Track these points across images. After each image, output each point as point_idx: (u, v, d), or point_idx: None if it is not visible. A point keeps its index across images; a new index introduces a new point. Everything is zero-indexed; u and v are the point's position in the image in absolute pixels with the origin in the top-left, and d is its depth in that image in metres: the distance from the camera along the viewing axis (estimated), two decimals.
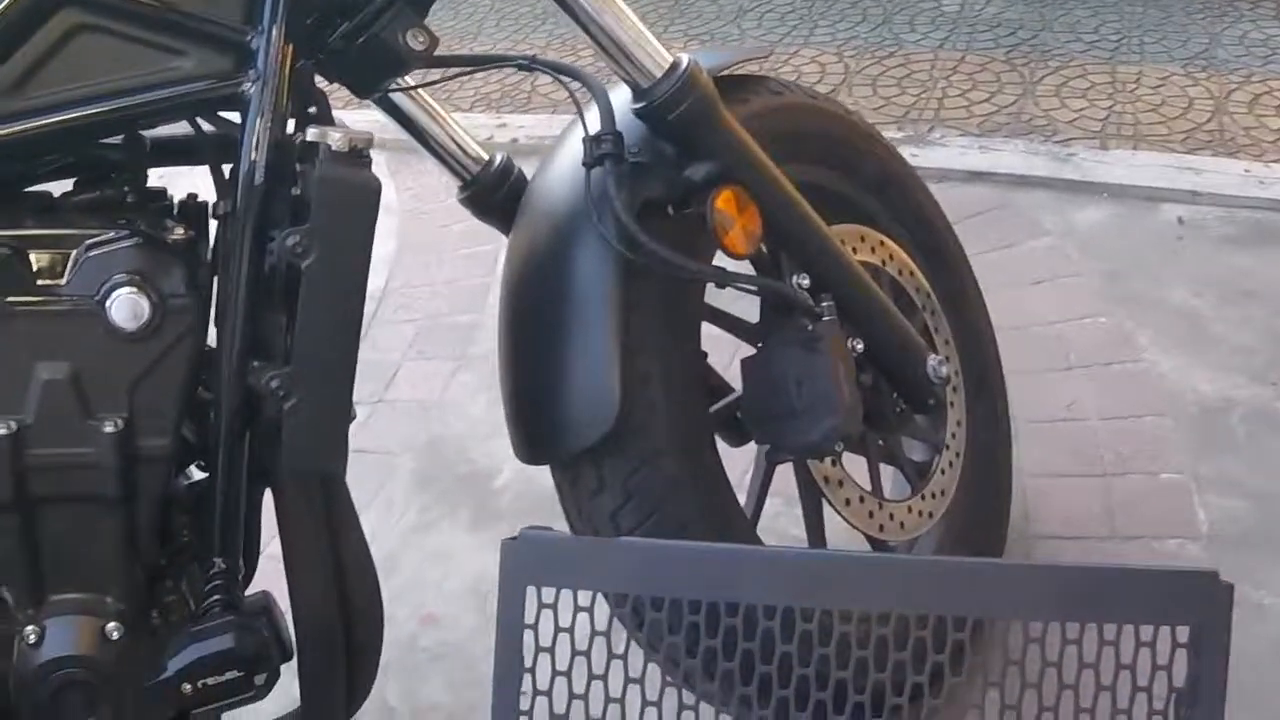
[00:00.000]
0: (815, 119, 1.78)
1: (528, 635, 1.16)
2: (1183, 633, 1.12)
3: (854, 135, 1.85)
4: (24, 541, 1.24)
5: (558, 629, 1.14)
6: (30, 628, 1.25)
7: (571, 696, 1.13)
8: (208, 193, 1.34)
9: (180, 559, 1.35)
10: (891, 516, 1.71)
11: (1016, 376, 2.12)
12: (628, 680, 1.13)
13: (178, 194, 1.35)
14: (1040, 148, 3.17)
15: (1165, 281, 2.67)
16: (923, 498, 1.78)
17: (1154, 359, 2.47)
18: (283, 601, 1.39)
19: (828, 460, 1.62)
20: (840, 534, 1.80)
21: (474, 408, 2.56)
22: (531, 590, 1.16)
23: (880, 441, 1.76)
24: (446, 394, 2.62)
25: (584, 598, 1.15)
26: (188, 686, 1.28)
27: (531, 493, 2.30)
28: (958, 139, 3.25)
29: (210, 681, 1.29)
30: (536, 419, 1.48)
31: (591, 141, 1.42)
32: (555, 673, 1.14)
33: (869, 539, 1.81)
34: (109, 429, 1.22)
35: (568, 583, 1.17)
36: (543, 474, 2.23)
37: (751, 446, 1.73)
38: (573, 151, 1.50)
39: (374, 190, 1.27)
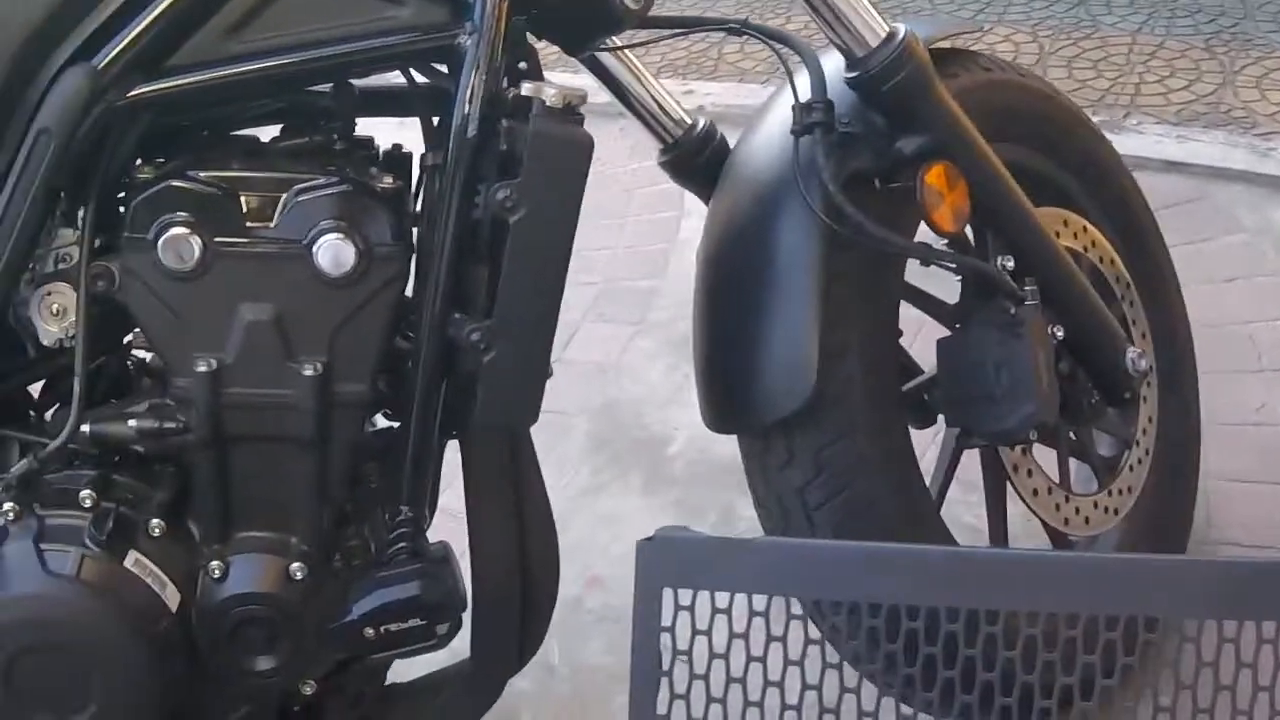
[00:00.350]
0: (1024, 97, 1.74)
1: (664, 638, 1.14)
2: None
3: (1061, 116, 1.81)
4: (216, 478, 1.27)
5: (695, 631, 1.11)
6: (215, 563, 1.28)
7: (709, 700, 1.11)
8: (412, 144, 1.36)
9: (366, 505, 1.36)
10: (1077, 511, 1.67)
11: (1206, 376, 2.04)
12: (766, 683, 1.11)
13: (383, 145, 1.37)
14: (1239, 140, 3.05)
15: None
16: (1109, 494, 1.74)
17: None
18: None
19: (1018, 448, 1.59)
20: (1017, 525, 1.77)
21: (651, 373, 2.56)
22: (668, 592, 1.14)
23: (1072, 433, 1.72)
24: (624, 357, 2.62)
25: (721, 599, 1.12)
26: (370, 631, 1.29)
27: (705, 460, 2.30)
28: (1154, 127, 3.14)
29: (393, 627, 1.30)
30: (729, 387, 1.48)
31: (802, 109, 1.41)
32: (693, 676, 1.11)
33: (1050, 533, 1.78)
34: (308, 372, 1.23)
35: (706, 584, 1.13)
36: (717, 442, 2.25)
37: (930, 430, 1.71)
38: (781, 118, 1.49)
39: (587, 147, 1.27)
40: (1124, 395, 1.68)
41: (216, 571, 1.28)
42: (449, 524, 1.41)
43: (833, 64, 1.46)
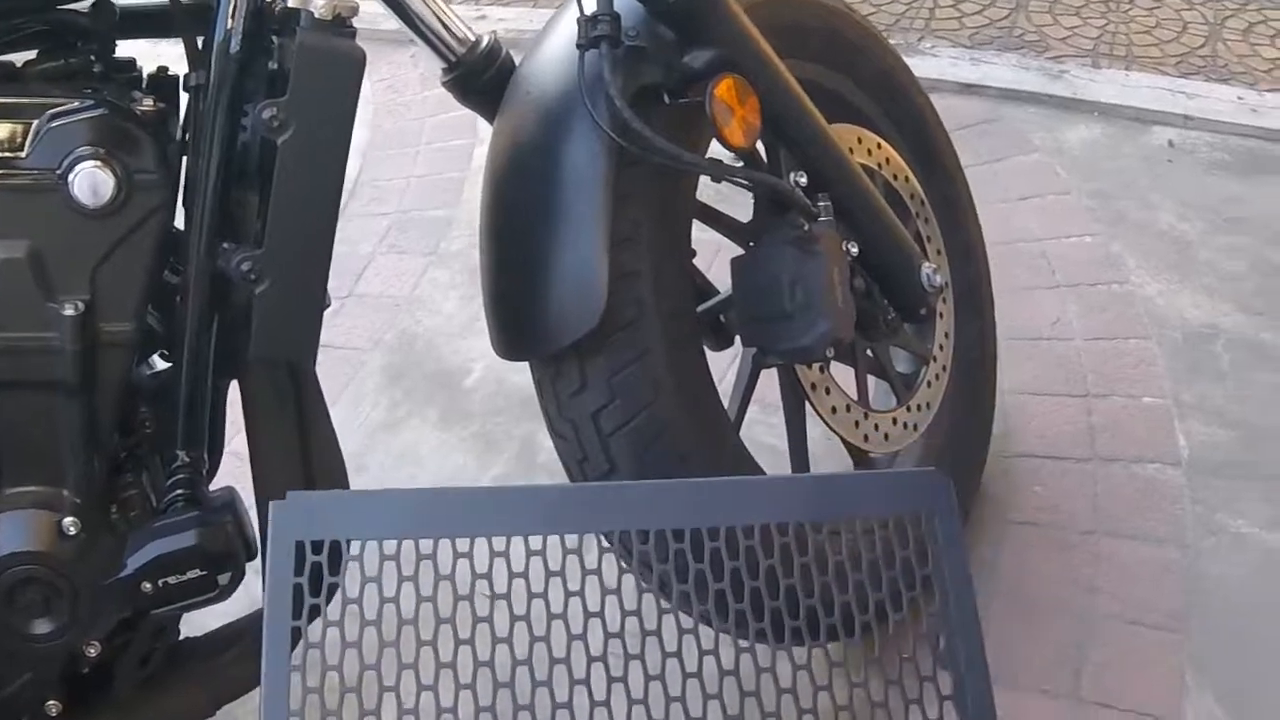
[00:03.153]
0: (817, 14, 1.72)
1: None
2: (918, 521, 1.24)
3: (856, 33, 1.79)
4: None
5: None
6: None
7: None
8: (179, 68, 1.28)
9: (141, 452, 1.30)
10: (877, 427, 1.67)
11: (1001, 293, 2.07)
12: (401, 623, 1.09)
13: (147, 68, 1.29)
14: (1032, 63, 3.11)
15: (1154, 204, 2.63)
16: (908, 409, 1.74)
17: (1140, 281, 2.43)
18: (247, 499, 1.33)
19: (816, 367, 1.57)
20: (819, 445, 1.77)
21: (446, 304, 2.50)
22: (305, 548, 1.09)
23: (869, 350, 1.71)
24: (418, 290, 2.55)
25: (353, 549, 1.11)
26: (148, 585, 1.23)
27: (504, 392, 2.26)
28: (948, 50, 3.19)
29: (171, 580, 1.24)
30: (518, 312, 1.42)
31: (587, 22, 1.36)
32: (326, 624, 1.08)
33: (850, 450, 1.77)
34: (69, 311, 1.16)
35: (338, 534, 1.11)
36: (515, 373, 2.23)
37: (729, 351, 1.68)
38: (566, 33, 1.44)
39: (358, 60, 1.20)
40: (920, 311, 1.67)
41: None
42: (242, 466, 1.34)
43: None
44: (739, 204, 1.60)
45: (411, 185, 2.87)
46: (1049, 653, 1.77)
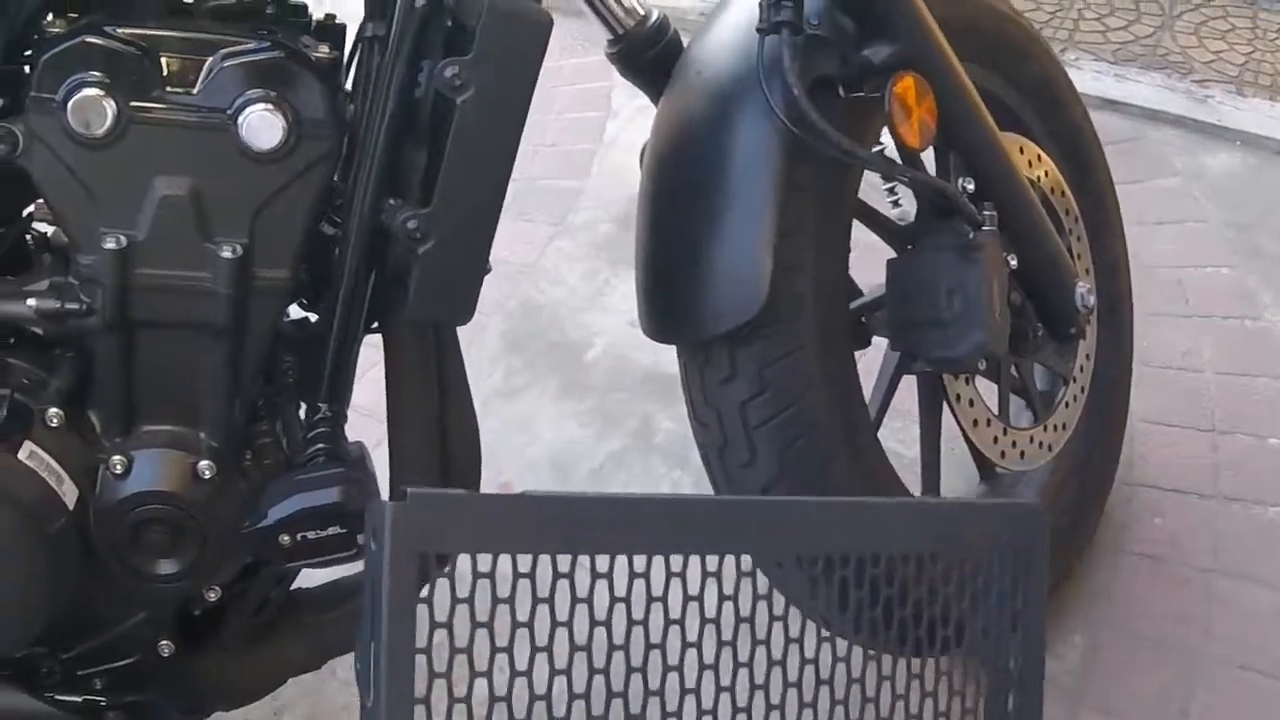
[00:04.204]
0: (989, 15, 1.68)
1: (422, 610, 1.02)
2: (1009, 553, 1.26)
3: (1022, 38, 1.76)
4: (120, 365, 1.18)
5: (455, 600, 1.02)
6: (117, 457, 1.19)
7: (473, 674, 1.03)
8: (346, 15, 1.26)
9: (280, 401, 1.28)
10: (1014, 444, 1.64)
11: (1135, 318, 2.03)
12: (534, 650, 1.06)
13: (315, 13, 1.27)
14: (1176, 84, 3.04)
15: None
16: (1045, 429, 1.70)
17: (1275, 319, 2.38)
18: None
19: (961, 377, 1.55)
20: (947, 454, 1.74)
21: (570, 276, 2.49)
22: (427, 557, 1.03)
23: (1014, 366, 1.68)
24: (543, 259, 2.54)
25: (484, 563, 1.04)
26: (286, 538, 1.21)
27: (624, 369, 2.25)
28: (1092, 64, 3.12)
29: (310, 535, 1.21)
30: (674, 294, 1.41)
31: (770, 6, 1.33)
32: (454, 650, 1.02)
33: (979, 463, 1.75)
34: (226, 254, 1.15)
35: (466, 546, 1.04)
36: (636, 350, 2.22)
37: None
38: (745, 14, 1.41)
39: (546, 26, 1.18)
40: (1069, 330, 1.64)
41: (118, 467, 1.19)
42: (355, 419, 1.32)
43: None
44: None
45: (541, 154, 2.86)
46: (1156, 689, 1.74)
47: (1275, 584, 1.89)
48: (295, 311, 1.30)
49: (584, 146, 2.86)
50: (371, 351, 1.29)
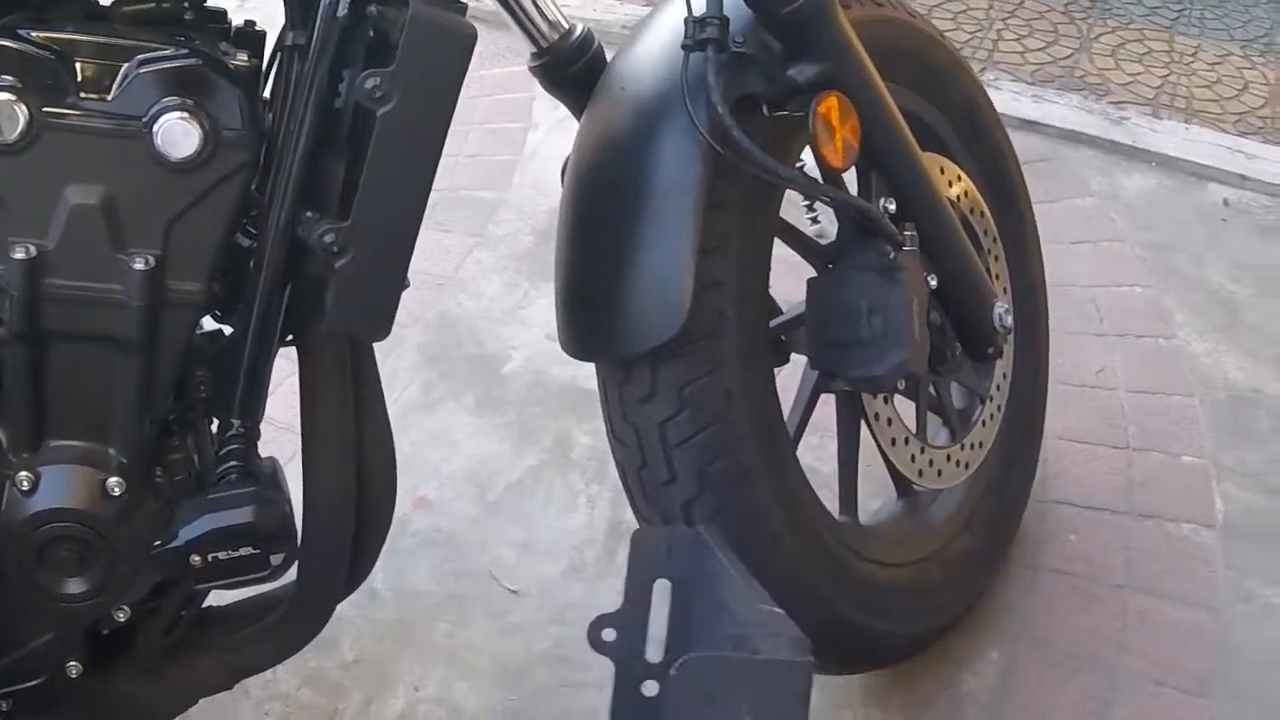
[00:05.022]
0: (912, 38, 1.70)
1: None
2: None
3: (946, 61, 1.77)
4: (28, 377, 1.15)
5: None
6: (24, 473, 1.16)
7: None
8: (266, 23, 1.24)
9: (192, 417, 1.25)
10: (931, 463, 1.65)
11: (1050, 336, 2.06)
12: None
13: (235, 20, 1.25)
14: (1093, 106, 3.09)
15: (1206, 261, 2.62)
16: (962, 447, 1.71)
17: (1187, 338, 2.42)
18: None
19: (880, 396, 1.55)
20: (864, 471, 1.75)
21: (489, 288, 2.47)
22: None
23: (931, 385, 1.69)
24: (462, 271, 2.52)
25: None
26: (197, 559, 1.18)
27: (542, 383, 2.23)
28: (1010, 84, 3.17)
29: (222, 555, 1.18)
30: (594, 312, 1.40)
31: (695, 23, 1.33)
32: None
33: (897, 482, 1.75)
34: (139, 265, 1.12)
35: None
36: (555, 365, 2.21)
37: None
38: (670, 31, 1.41)
39: (469, 38, 1.16)
40: (987, 350, 1.65)
41: (25, 483, 1.17)
42: (269, 432, 1.30)
43: None
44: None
45: (461, 164, 2.83)
46: (1073, 705, 1.75)
47: (1188, 600, 1.92)
48: (209, 324, 1.27)
49: (505, 157, 2.84)
50: (286, 363, 1.27)
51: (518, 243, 2.57)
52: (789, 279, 1.56)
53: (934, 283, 1.54)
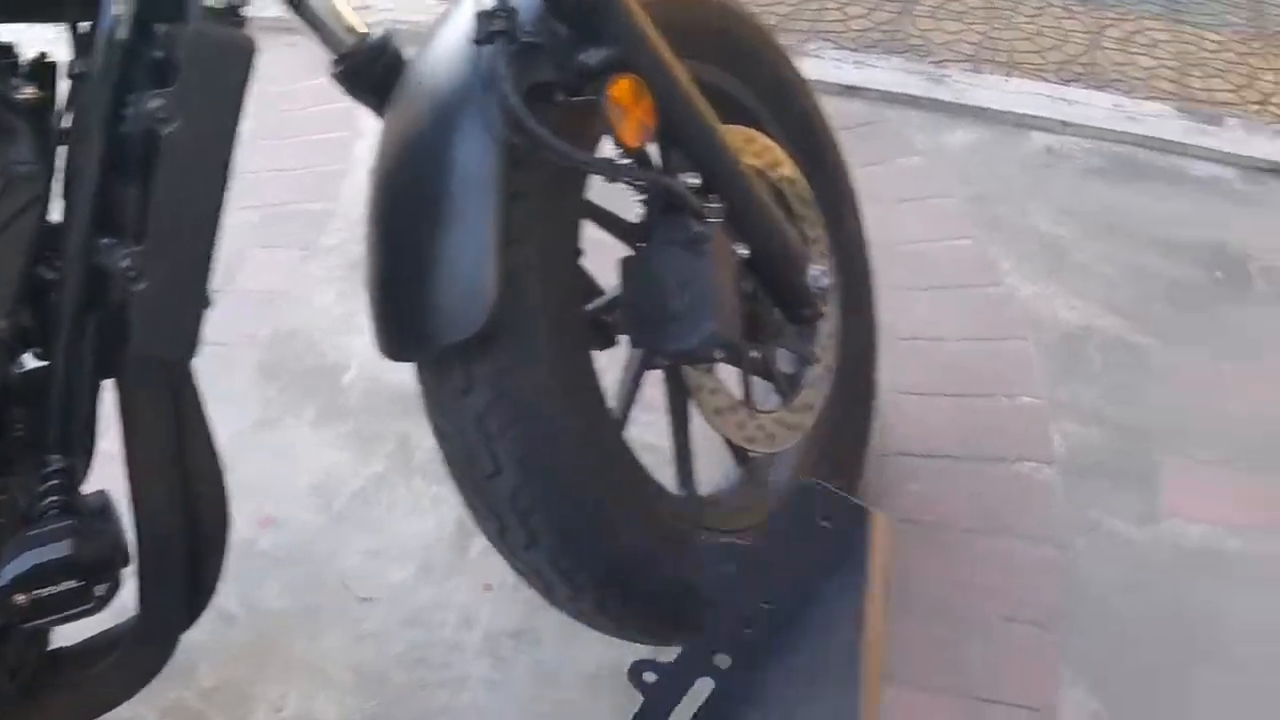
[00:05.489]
0: (711, 13, 1.71)
1: None
2: None
3: (748, 34, 1.79)
4: None
5: None
6: None
7: None
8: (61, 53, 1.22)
9: (14, 456, 1.24)
10: (761, 428, 1.67)
11: (881, 294, 2.09)
12: None
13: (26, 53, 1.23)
14: (915, 67, 3.14)
15: (1030, 209, 2.68)
16: (792, 410, 1.74)
17: (1016, 284, 2.47)
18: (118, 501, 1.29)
19: (701, 367, 1.57)
20: (700, 442, 1.77)
21: (322, 299, 2.46)
22: None
23: (754, 351, 1.71)
24: (293, 285, 2.50)
25: None
26: (21, 597, 1.17)
27: (381, 389, 2.23)
28: (832, 52, 3.21)
29: (45, 592, 1.17)
30: (404, 311, 1.39)
31: (484, 17, 1.33)
32: None
33: (733, 450, 1.77)
34: None
35: None
36: (393, 371, 2.16)
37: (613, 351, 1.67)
38: (461, 28, 1.41)
39: (249, 51, 1.16)
40: (806, 313, 1.67)
41: None
42: (113, 468, 1.29)
43: None
44: (627, 204, 1.59)
45: (289, 178, 2.81)
46: (928, 649, 1.79)
47: (1033, 537, 1.97)
48: (32, 362, 1.25)
49: (332, 168, 2.82)
50: None
51: (348, 252, 2.56)
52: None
53: (744, 252, 1.56)
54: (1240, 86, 3.19)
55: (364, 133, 2.87)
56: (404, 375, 1.47)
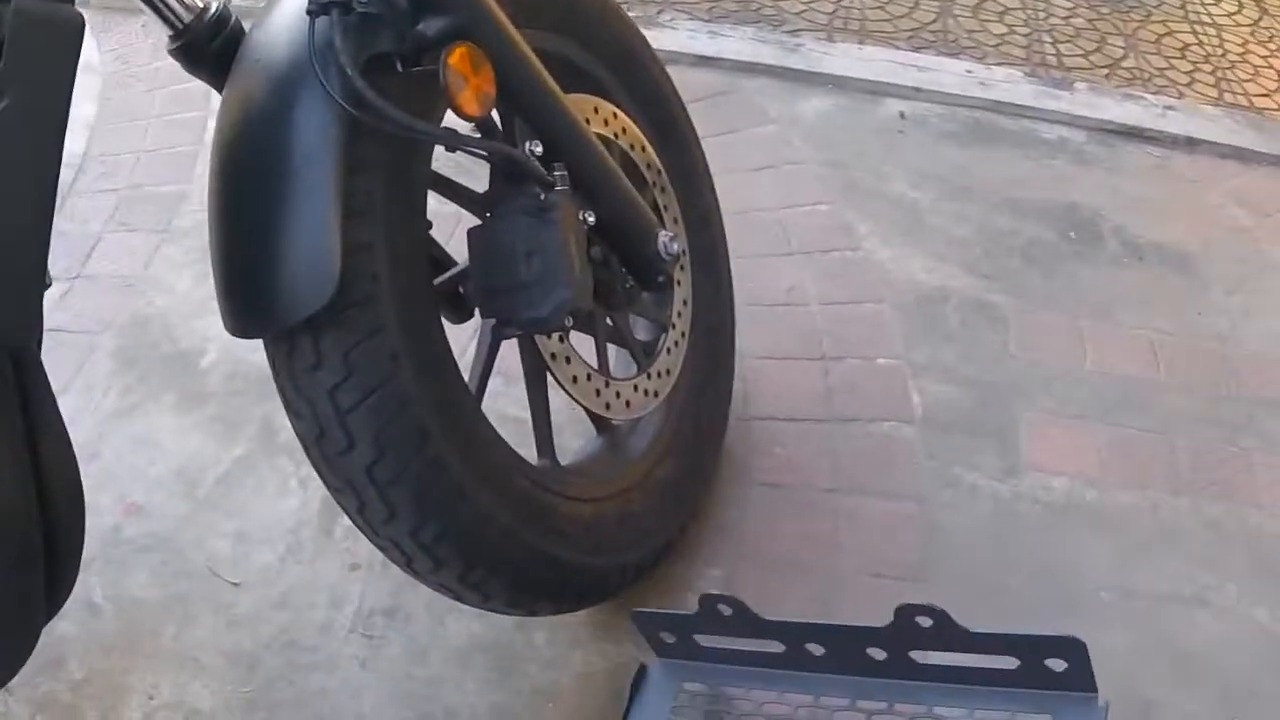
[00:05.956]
0: None
1: None
2: None
3: (600, 7, 1.80)
4: None
5: None
6: None
7: None
8: None
9: None
10: (618, 395, 1.68)
11: (738, 261, 2.12)
12: None
13: None
14: (769, 36, 3.17)
15: (886, 174, 2.72)
16: (649, 376, 1.76)
17: (873, 248, 2.51)
18: None
19: (555, 336, 1.58)
20: (563, 414, 1.78)
21: (180, 283, 2.42)
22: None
23: (608, 319, 1.72)
24: (150, 269, 2.45)
25: None
26: None
27: (240, 373, 2.20)
28: (686, 22, 3.22)
29: None
30: (249, 288, 1.38)
31: None
32: None
33: (593, 419, 1.79)
34: None
35: None
36: (252, 353, 2.17)
37: (473, 324, 1.67)
38: (296, 0, 1.40)
39: (77, 27, 1.14)
40: (658, 279, 1.69)
41: None
42: None
43: None
44: (477, 175, 1.59)
45: (142, 160, 2.76)
46: (797, 608, 1.81)
47: (896, 494, 2.01)
48: None
49: (185, 148, 2.77)
50: None
51: (205, 234, 2.48)
52: None
53: (592, 219, 1.57)
54: (1089, 51, 3.27)
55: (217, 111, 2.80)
56: (263, 357, 1.46)
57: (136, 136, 2.83)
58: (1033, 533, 1.96)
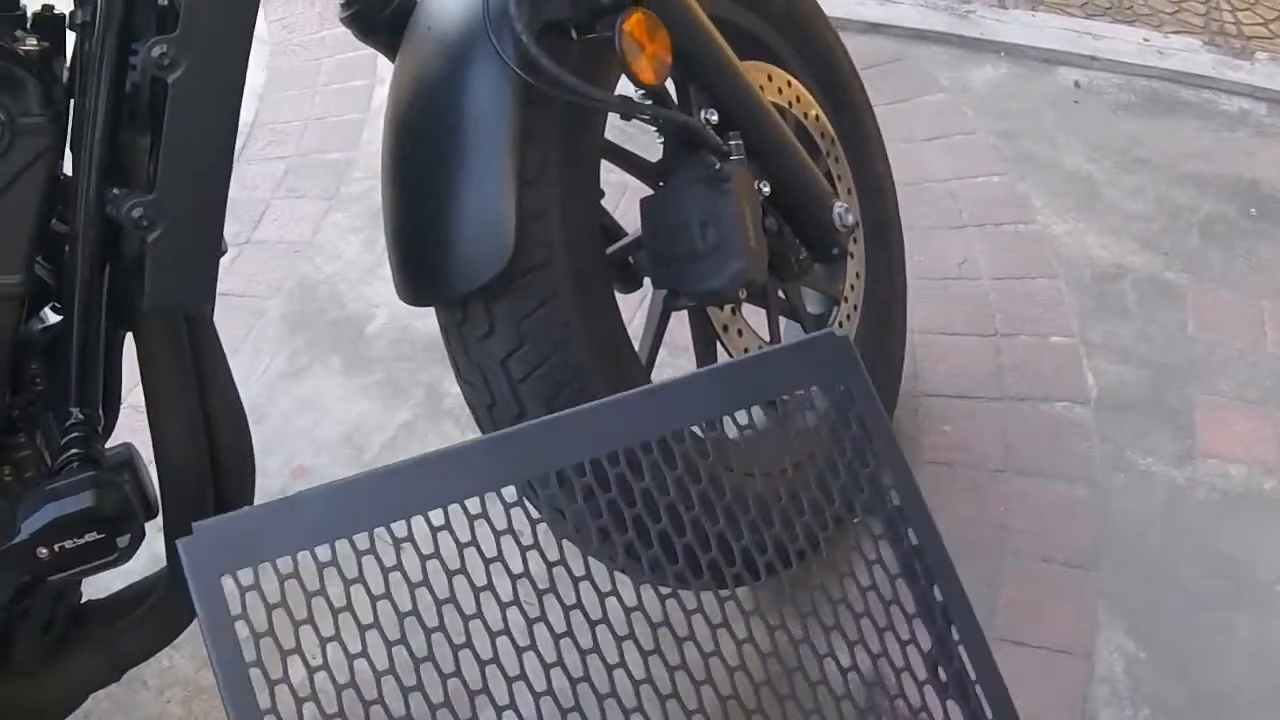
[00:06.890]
0: None
1: (240, 627, 1.05)
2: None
3: None
4: None
5: (270, 607, 1.05)
6: None
7: (310, 670, 1.07)
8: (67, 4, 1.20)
9: (35, 410, 1.23)
10: None
11: (909, 233, 2.07)
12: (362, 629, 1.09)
13: (32, 4, 1.21)
14: (939, 3, 3.09)
15: (1060, 145, 2.64)
16: None
17: (1047, 221, 2.44)
18: (146, 454, 1.27)
19: (727, 308, 1.55)
20: None
21: (347, 249, 2.44)
22: (229, 580, 1.06)
23: (781, 291, 1.69)
24: (318, 235, 2.48)
25: (285, 565, 1.08)
26: (44, 551, 1.16)
27: (407, 338, 2.21)
28: None
29: (68, 544, 1.16)
30: (423, 256, 1.38)
31: None
32: (284, 653, 1.06)
33: None
34: None
35: (265, 556, 1.08)
36: (419, 318, 2.19)
37: (638, 295, 1.65)
38: None
39: None
40: (831, 251, 1.65)
41: None
42: (142, 420, 1.28)
43: None
44: (645, 144, 1.57)
45: (310, 127, 2.79)
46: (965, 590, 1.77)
47: (1066, 476, 1.96)
48: (52, 316, 1.25)
49: (352, 116, 2.79)
50: None
51: (372, 200, 2.53)
52: None
53: (767, 189, 1.54)
54: (1270, 20, 3.14)
55: (384, 79, 2.83)
56: (430, 323, 1.46)
57: (304, 104, 2.86)
58: (1207, 521, 1.89)
